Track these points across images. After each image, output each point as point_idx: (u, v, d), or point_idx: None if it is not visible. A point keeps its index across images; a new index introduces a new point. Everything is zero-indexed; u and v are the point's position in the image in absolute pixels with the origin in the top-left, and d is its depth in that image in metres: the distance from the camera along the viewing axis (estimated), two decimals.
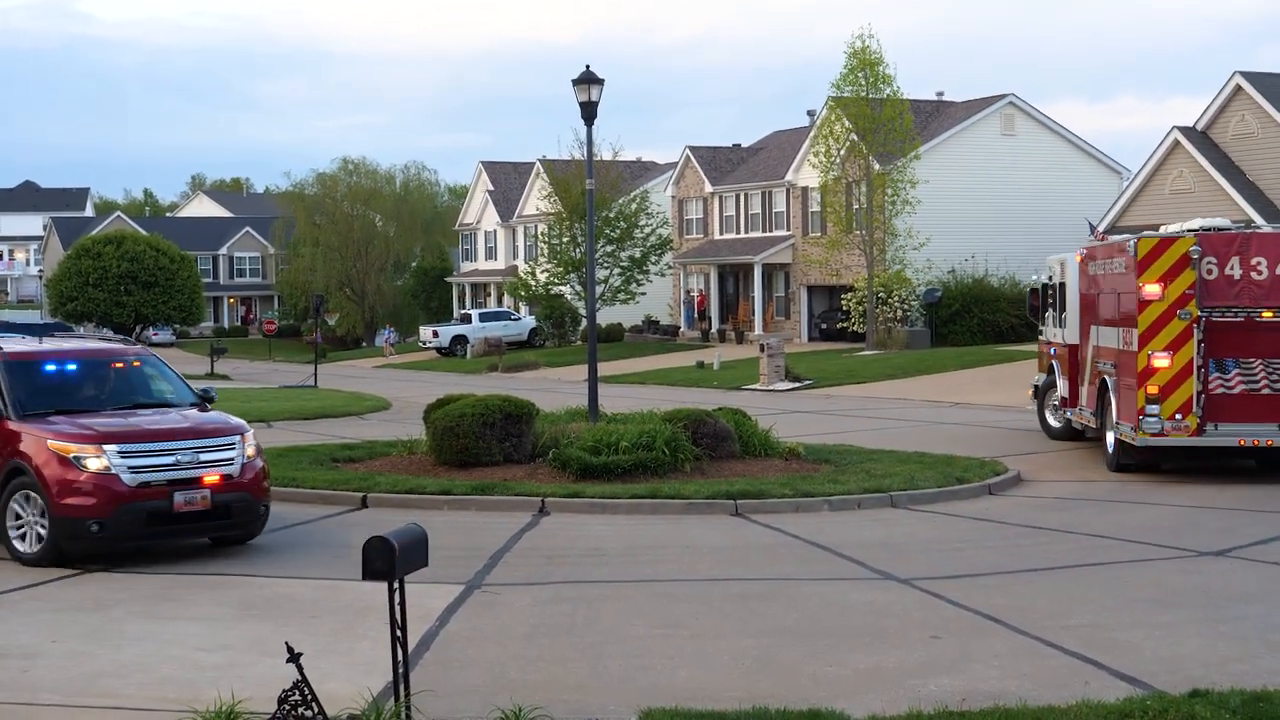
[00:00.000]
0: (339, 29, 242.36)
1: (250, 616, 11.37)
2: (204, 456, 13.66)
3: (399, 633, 7.63)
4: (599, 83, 23.43)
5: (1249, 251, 18.73)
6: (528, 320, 68.91)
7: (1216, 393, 18.68)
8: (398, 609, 7.57)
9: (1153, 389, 18.62)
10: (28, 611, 11.57)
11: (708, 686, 9.15)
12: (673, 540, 15.05)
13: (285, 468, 18.64)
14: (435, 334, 67.75)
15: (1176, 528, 15.71)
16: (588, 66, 23.54)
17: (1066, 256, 23.71)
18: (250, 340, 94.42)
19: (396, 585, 7.54)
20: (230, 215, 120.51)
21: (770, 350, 40.24)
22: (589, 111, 23.56)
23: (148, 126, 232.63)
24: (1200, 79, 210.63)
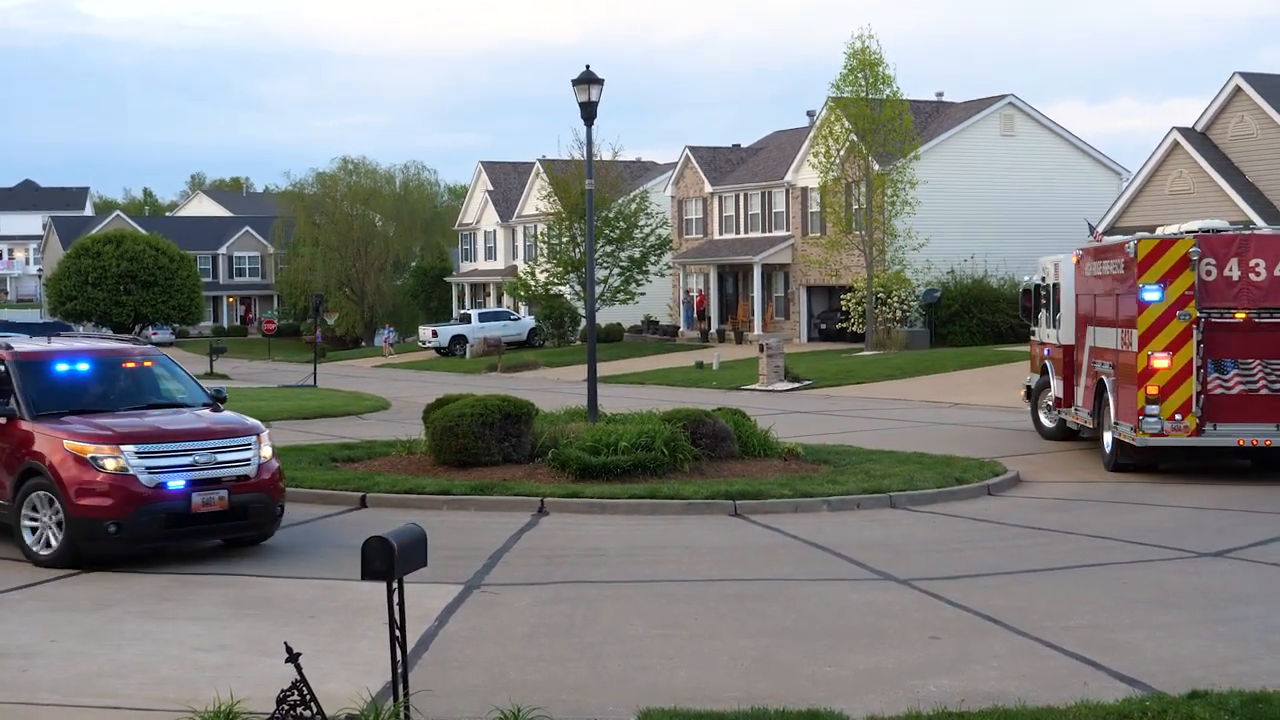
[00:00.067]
0: (339, 29, 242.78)
1: (249, 616, 11.36)
2: (221, 457, 13.59)
3: (398, 633, 7.62)
4: (599, 83, 23.44)
5: (1248, 253, 18.84)
6: (527, 320, 68.90)
7: (1215, 393, 18.76)
8: (396, 609, 7.57)
9: (1153, 389, 18.70)
10: (27, 611, 11.56)
11: (707, 687, 9.15)
12: (672, 540, 15.05)
13: (284, 467, 18.54)
14: (434, 334, 67.72)
15: (1176, 528, 15.72)
16: (588, 66, 23.54)
17: (1060, 258, 23.79)
18: (250, 340, 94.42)
19: (395, 585, 7.54)
20: (230, 215, 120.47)
21: (769, 350, 40.23)
22: (589, 111, 23.57)
23: (147, 126, 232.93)
24: (1200, 80, 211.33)
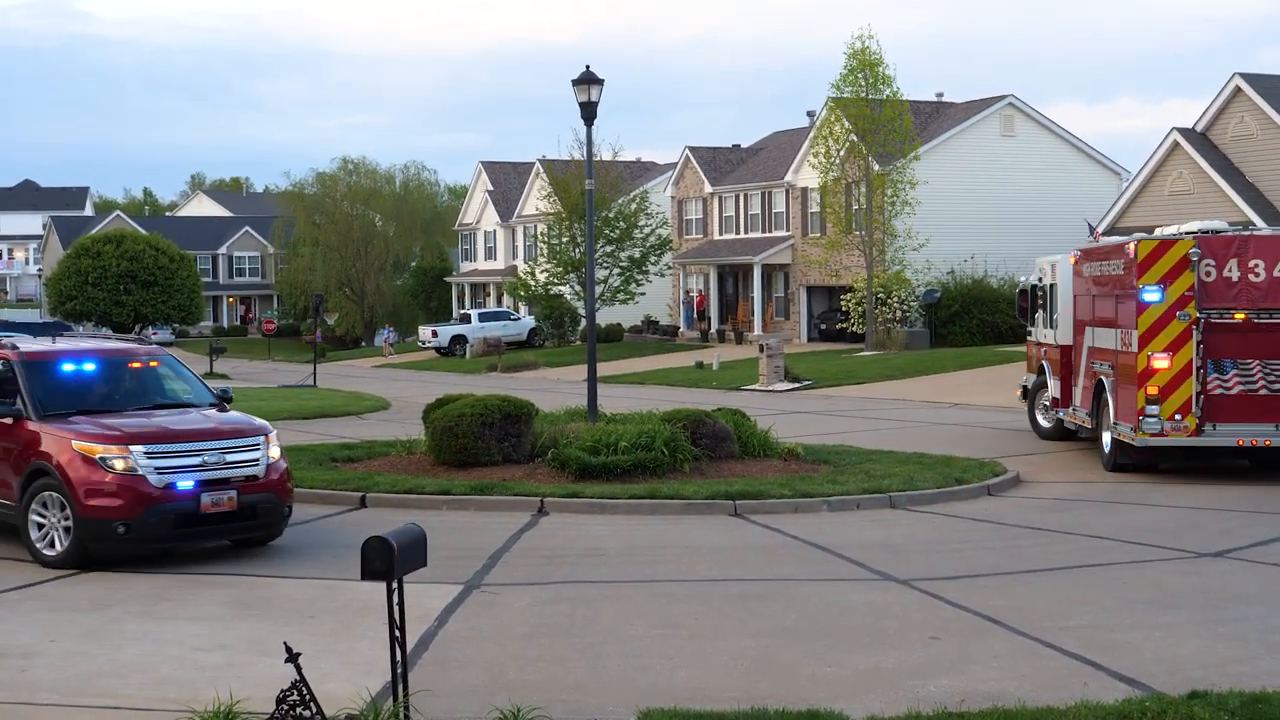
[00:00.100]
0: (339, 29, 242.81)
1: (249, 616, 11.36)
2: (230, 457, 13.53)
3: (397, 633, 7.62)
4: (599, 83, 23.44)
5: (1247, 254, 18.89)
6: (527, 320, 68.90)
7: (1215, 393, 18.80)
8: (396, 609, 7.57)
9: (1153, 390, 18.73)
10: (26, 611, 11.55)
11: (706, 687, 9.15)
12: (672, 540, 15.05)
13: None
14: (434, 334, 67.72)
15: (1175, 529, 15.73)
16: (588, 67, 23.55)
17: (1057, 258, 23.88)
18: (249, 340, 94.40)
19: (395, 585, 7.54)
20: (230, 215, 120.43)
21: (769, 351, 40.22)
22: (589, 112, 23.57)
23: (147, 126, 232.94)
24: (1200, 80, 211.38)
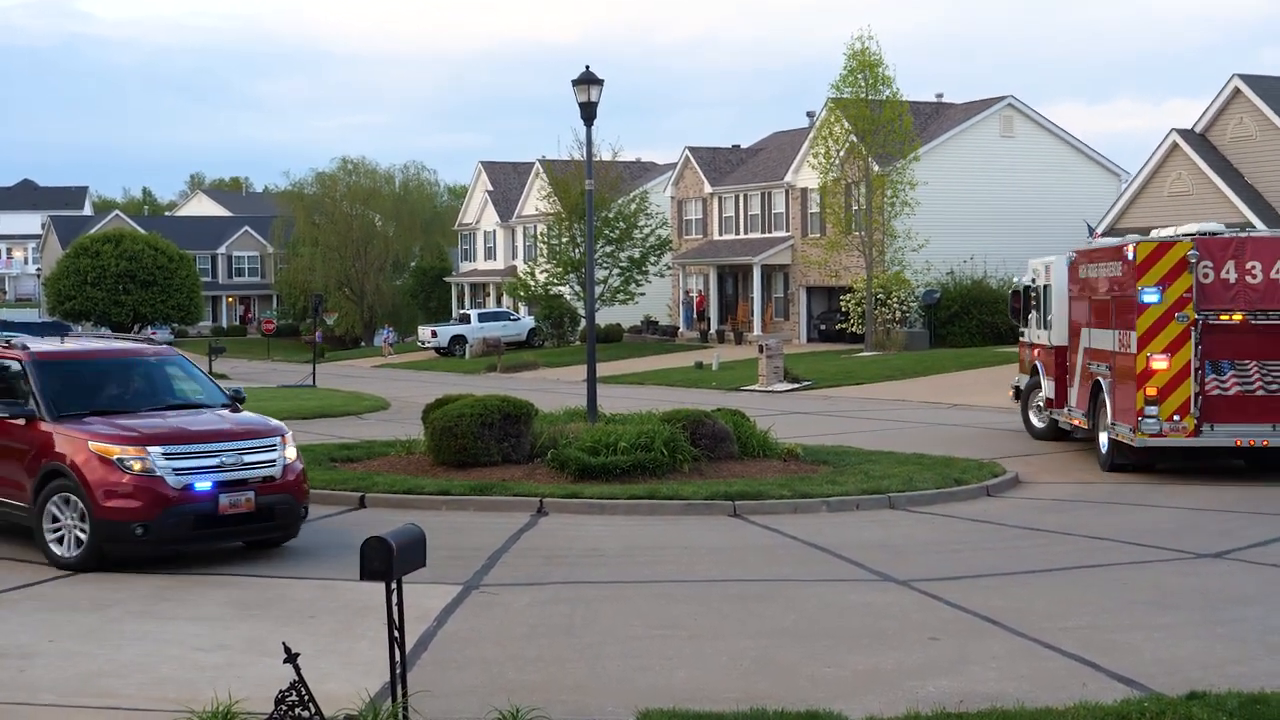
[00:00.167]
0: (339, 29, 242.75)
1: (248, 616, 11.36)
2: (248, 458, 13.45)
3: (396, 633, 7.62)
4: (599, 83, 23.45)
5: (1244, 255, 18.98)
6: (527, 320, 68.89)
7: (1213, 394, 18.86)
8: (395, 609, 7.57)
9: (1151, 390, 18.78)
10: (25, 611, 11.56)
11: (706, 687, 9.16)
12: (671, 541, 15.05)
13: None
14: (434, 334, 67.71)
15: (1175, 530, 15.73)
16: (587, 67, 23.57)
17: (1051, 259, 23.96)
18: (249, 340, 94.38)
19: (394, 585, 7.54)
20: (229, 214, 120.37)
21: (769, 351, 40.23)
22: (589, 112, 23.59)
23: (147, 125, 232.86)
24: (1199, 81, 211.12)
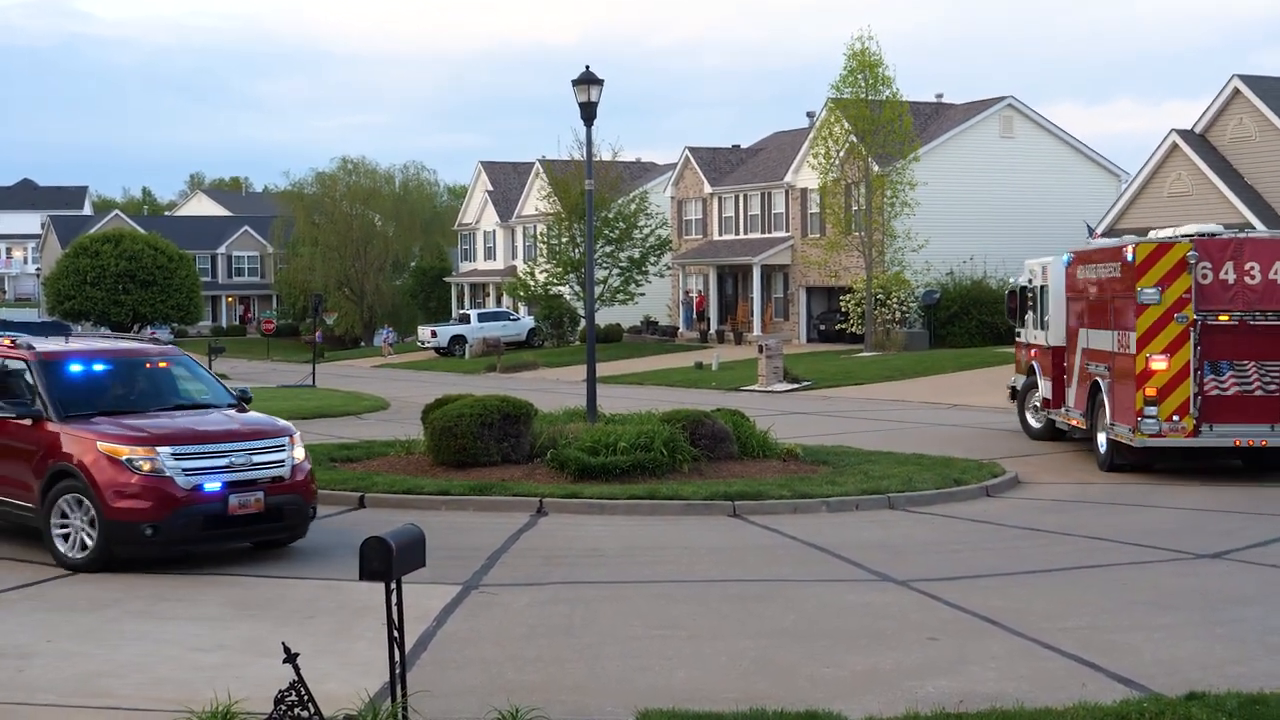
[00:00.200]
0: (339, 29, 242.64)
1: (247, 616, 11.36)
2: (257, 459, 13.42)
3: (396, 633, 7.62)
4: (598, 83, 23.45)
5: (1242, 256, 19.05)
6: (526, 320, 68.89)
7: (1211, 394, 18.92)
8: (395, 609, 7.57)
9: (1151, 391, 18.81)
10: (24, 611, 11.55)
11: (705, 687, 9.15)
12: (671, 541, 15.05)
13: None
14: (434, 334, 67.69)
15: (1174, 530, 15.74)
16: (587, 67, 23.56)
17: (1048, 260, 24.03)
18: (248, 339, 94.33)
19: (394, 585, 7.54)
20: (229, 214, 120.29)
21: (769, 351, 40.23)
22: (588, 112, 23.59)
23: (147, 125, 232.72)
24: (1198, 82, 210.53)
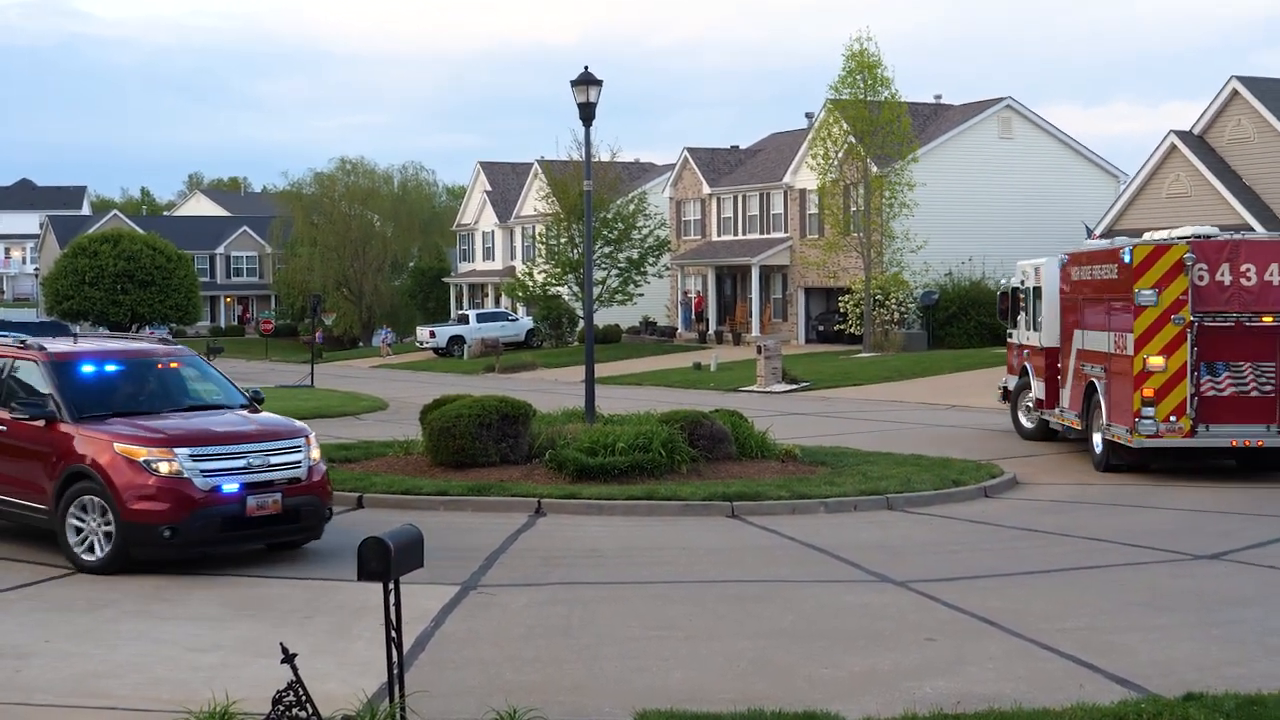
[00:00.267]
0: (339, 29, 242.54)
1: (245, 616, 11.36)
2: (274, 459, 13.38)
3: (394, 633, 7.62)
4: (597, 84, 23.45)
5: (1239, 258, 19.15)
6: (525, 321, 68.87)
7: (1208, 395, 19.01)
8: (393, 610, 7.57)
9: (1148, 392, 18.87)
10: (21, 611, 11.54)
11: (703, 688, 9.16)
12: (669, 542, 15.06)
13: None
14: (432, 334, 67.69)
15: (1172, 531, 15.75)
16: (586, 68, 23.57)
17: (1041, 261, 24.15)
18: (247, 340, 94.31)
19: (392, 586, 7.54)
20: (228, 214, 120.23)
21: (767, 352, 40.23)
22: (587, 113, 23.59)
23: (146, 125, 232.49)
24: (1197, 83, 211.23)
